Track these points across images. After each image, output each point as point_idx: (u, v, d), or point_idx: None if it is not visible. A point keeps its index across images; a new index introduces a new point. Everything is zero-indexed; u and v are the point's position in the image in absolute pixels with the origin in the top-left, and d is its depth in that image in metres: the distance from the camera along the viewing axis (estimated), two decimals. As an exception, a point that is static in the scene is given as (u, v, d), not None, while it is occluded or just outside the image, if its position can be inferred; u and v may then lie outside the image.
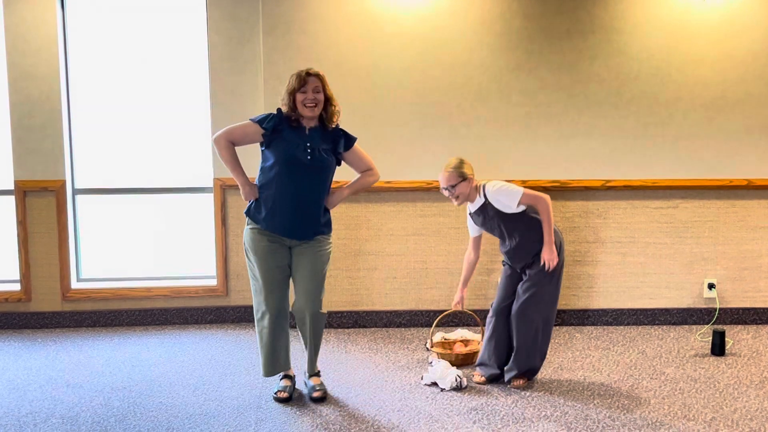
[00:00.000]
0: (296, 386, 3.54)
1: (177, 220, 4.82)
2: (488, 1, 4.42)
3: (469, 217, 3.65)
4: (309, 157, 3.25)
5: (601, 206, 4.57)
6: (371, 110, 4.46)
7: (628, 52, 4.44)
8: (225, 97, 4.57)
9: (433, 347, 3.97)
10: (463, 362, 3.84)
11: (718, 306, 4.61)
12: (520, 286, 3.54)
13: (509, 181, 3.65)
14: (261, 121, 3.27)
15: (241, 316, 4.74)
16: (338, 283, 4.58)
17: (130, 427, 3.10)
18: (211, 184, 4.67)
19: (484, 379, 3.60)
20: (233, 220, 4.65)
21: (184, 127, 4.74)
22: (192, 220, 4.81)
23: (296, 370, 3.69)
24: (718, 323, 4.60)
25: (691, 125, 4.50)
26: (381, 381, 3.65)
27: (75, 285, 4.69)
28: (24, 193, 4.56)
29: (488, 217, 3.51)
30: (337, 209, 4.38)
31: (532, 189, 3.51)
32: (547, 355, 3.68)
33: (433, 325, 4.09)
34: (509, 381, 3.55)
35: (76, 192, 4.71)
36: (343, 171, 3.60)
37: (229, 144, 3.30)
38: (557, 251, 3.46)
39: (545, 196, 3.44)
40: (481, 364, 3.65)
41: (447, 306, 4.58)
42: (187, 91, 4.71)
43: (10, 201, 4.63)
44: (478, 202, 3.51)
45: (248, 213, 3.36)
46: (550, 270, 3.45)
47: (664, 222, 4.59)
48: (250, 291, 4.68)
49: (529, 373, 3.58)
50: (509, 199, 3.43)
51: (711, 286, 4.60)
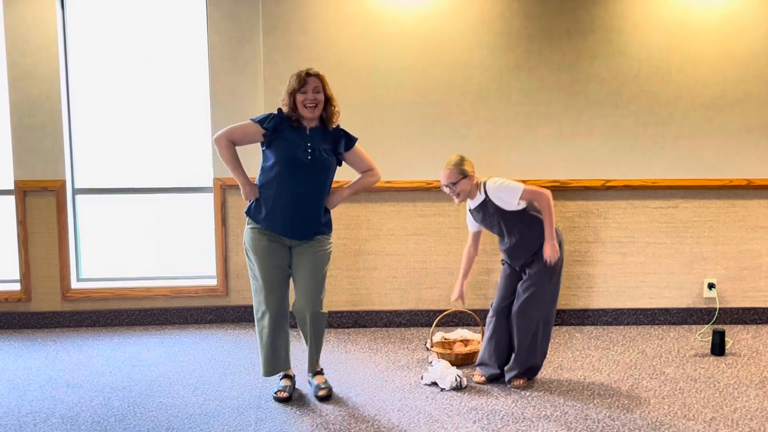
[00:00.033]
0: (296, 386, 3.54)
1: (177, 220, 4.82)
2: (488, 1, 4.42)
3: (468, 213, 3.64)
4: (309, 157, 3.25)
5: (601, 206, 4.57)
6: (371, 110, 4.46)
7: (628, 51, 4.44)
8: (225, 97, 4.57)
9: (433, 347, 3.97)
10: (463, 362, 3.84)
11: (717, 306, 4.61)
12: (520, 285, 3.54)
13: None
14: (262, 121, 3.27)
15: (241, 316, 4.74)
16: (338, 283, 4.58)
17: (130, 427, 3.10)
18: (211, 184, 4.67)
19: (484, 378, 3.60)
20: (233, 220, 4.65)
21: (184, 127, 4.74)
22: (192, 220, 4.81)
23: (296, 370, 3.69)
24: (718, 323, 4.60)
25: (691, 125, 4.50)
26: (381, 381, 3.65)
27: (75, 285, 4.69)
28: (24, 192, 4.56)
29: (488, 213, 3.51)
30: (336, 209, 4.38)
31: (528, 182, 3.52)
32: (547, 355, 3.68)
33: (433, 325, 4.09)
34: (510, 381, 3.55)
35: (76, 192, 4.71)
36: (344, 171, 3.61)
37: (229, 144, 3.30)
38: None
39: (546, 191, 3.44)
40: (482, 364, 3.65)
41: (447, 306, 4.58)
42: (187, 91, 4.71)
43: (10, 201, 4.63)
44: (479, 198, 3.51)
45: (248, 212, 3.36)
46: (551, 265, 3.45)
47: (664, 222, 4.59)
48: (250, 291, 4.68)
49: (530, 372, 3.58)
50: (510, 196, 3.43)
51: (711, 286, 4.60)
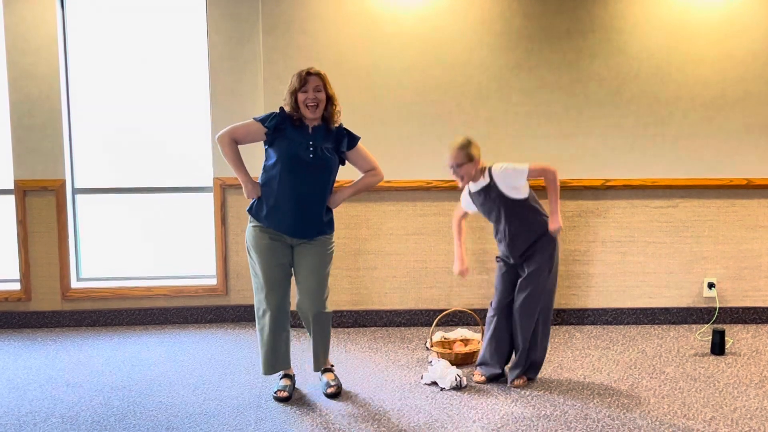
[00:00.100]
0: (296, 386, 3.55)
1: (177, 219, 4.82)
2: (488, 1, 4.41)
3: (467, 195, 3.61)
4: (311, 156, 3.26)
5: (601, 205, 4.57)
6: (371, 110, 4.46)
7: (628, 51, 4.44)
8: (225, 97, 4.57)
9: (432, 346, 3.97)
10: (462, 361, 3.84)
11: (717, 305, 4.61)
12: (520, 282, 3.53)
13: None
14: (264, 120, 3.29)
15: (241, 316, 4.74)
16: (338, 283, 4.58)
17: (130, 427, 3.10)
18: (211, 184, 4.67)
19: (484, 378, 3.59)
20: (233, 220, 4.65)
21: (184, 127, 4.74)
22: (192, 219, 4.81)
23: (296, 369, 3.69)
24: (718, 322, 4.60)
25: (691, 124, 4.50)
26: (381, 380, 3.65)
27: (75, 284, 4.70)
28: (24, 192, 4.56)
29: (489, 198, 3.48)
30: (336, 209, 4.37)
31: (531, 185, 3.52)
32: (547, 353, 3.68)
33: (432, 325, 4.09)
34: (513, 380, 3.54)
35: (76, 191, 4.71)
36: (348, 171, 3.61)
37: (232, 142, 3.31)
38: (553, 244, 3.48)
39: (553, 167, 3.45)
40: (482, 364, 3.65)
41: (447, 305, 4.59)
42: (187, 91, 4.71)
43: (10, 200, 4.63)
44: (482, 183, 3.49)
45: (250, 211, 3.37)
46: (557, 235, 3.46)
47: (664, 221, 4.59)
48: (250, 290, 4.68)
49: (533, 369, 3.58)
50: (517, 178, 3.41)
51: (711, 286, 4.60)
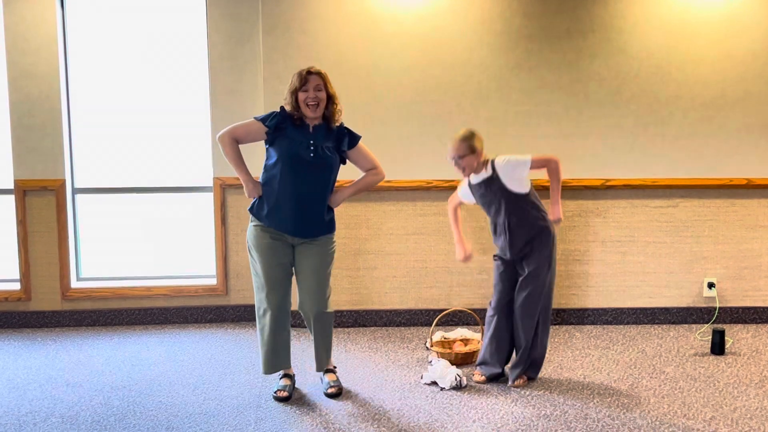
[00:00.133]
0: (296, 386, 3.55)
1: (177, 219, 4.82)
2: (488, 0, 4.41)
3: (466, 186, 3.61)
4: (312, 155, 3.26)
5: (601, 205, 4.57)
6: (371, 109, 4.46)
7: (628, 51, 4.44)
8: (225, 97, 4.57)
9: (432, 346, 3.97)
10: (462, 361, 3.84)
11: (717, 305, 4.61)
12: (520, 282, 3.52)
13: None
14: (264, 119, 3.30)
15: (241, 316, 4.74)
16: (338, 283, 4.58)
17: (130, 426, 3.10)
18: (210, 184, 4.67)
19: (484, 378, 3.59)
20: (233, 220, 4.65)
21: (184, 127, 4.74)
22: (192, 219, 4.81)
23: (296, 369, 3.69)
24: (718, 322, 4.60)
25: (691, 124, 4.50)
26: (381, 380, 3.65)
27: (75, 284, 4.70)
28: (24, 192, 4.56)
29: (491, 191, 3.48)
30: (336, 208, 4.37)
31: (532, 181, 3.53)
32: (546, 351, 3.68)
33: (432, 324, 4.09)
34: (515, 379, 3.54)
35: (76, 191, 4.71)
36: (349, 171, 3.60)
37: (233, 141, 3.32)
38: (551, 242, 3.48)
39: (555, 156, 3.48)
40: (482, 363, 3.64)
41: (447, 305, 4.59)
42: (187, 91, 4.71)
43: (10, 200, 4.63)
44: (483, 175, 3.49)
45: (252, 210, 3.37)
46: (558, 225, 3.49)
47: (664, 221, 4.59)
48: (249, 290, 4.69)
49: (534, 367, 3.58)
50: (519, 168, 3.43)
51: (711, 285, 4.60)
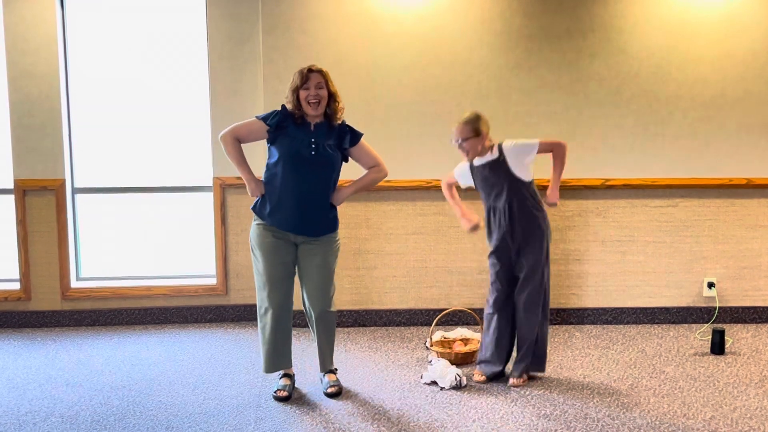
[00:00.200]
0: (296, 385, 3.54)
1: (177, 219, 4.82)
2: (488, 0, 4.41)
3: (466, 167, 3.60)
4: (313, 153, 3.26)
5: (601, 205, 4.57)
6: (371, 109, 4.46)
7: (628, 50, 4.44)
8: (225, 97, 4.57)
9: (432, 346, 3.97)
10: (462, 361, 3.84)
11: (717, 305, 4.61)
12: (520, 282, 3.52)
13: None
14: (265, 118, 3.31)
15: (241, 315, 4.74)
16: (338, 282, 4.57)
17: (130, 426, 3.10)
18: (210, 183, 4.66)
19: (484, 378, 3.59)
20: (233, 219, 4.65)
21: (184, 126, 4.74)
22: (192, 218, 4.81)
23: (296, 369, 3.69)
24: (718, 322, 4.60)
25: (691, 124, 4.50)
26: (380, 380, 3.65)
27: (74, 284, 4.70)
28: (24, 192, 4.55)
29: (495, 173, 3.47)
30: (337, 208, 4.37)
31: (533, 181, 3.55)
32: (547, 349, 3.67)
33: (432, 324, 4.09)
34: (519, 375, 3.54)
35: (76, 191, 4.71)
36: (350, 171, 3.60)
37: (235, 141, 3.33)
38: (545, 237, 3.50)
39: (563, 141, 3.52)
40: (483, 362, 3.64)
41: (446, 305, 4.59)
42: (187, 90, 4.71)
43: (10, 200, 4.63)
44: (489, 157, 3.49)
45: (254, 209, 3.38)
46: (554, 207, 3.55)
47: (664, 221, 4.59)
48: (249, 290, 4.69)
49: (539, 361, 3.58)
50: (527, 151, 3.45)
51: (711, 285, 4.60)
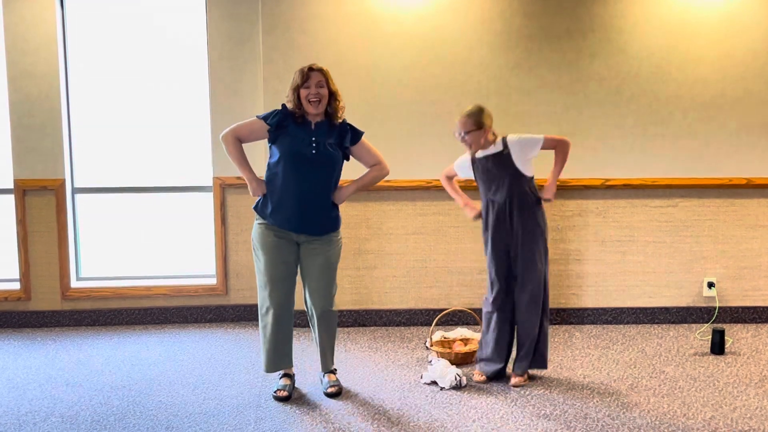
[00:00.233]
0: (296, 385, 3.55)
1: (177, 218, 4.82)
2: (488, 0, 4.41)
3: (468, 160, 3.60)
4: (314, 152, 3.27)
5: (601, 205, 4.57)
6: (371, 109, 4.46)
7: (628, 50, 4.44)
8: (225, 97, 4.57)
9: (432, 346, 3.97)
10: (462, 361, 3.84)
11: (717, 305, 4.61)
12: (521, 281, 3.52)
13: None
14: (266, 118, 3.31)
15: (241, 315, 4.74)
16: (338, 282, 4.56)
17: (130, 426, 3.10)
18: (210, 183, 4.66)
19: (484, 378, 3.59)
20: (233, 219, 4.65)
21: (184, 126, 4.74)
22: (192, 218, 4.81)
23: (296, 369, 3.69)
24: (718, 322, 4.60)
25: (691, 124, 4.50)
26: (380, 379, 3.65)
27: (74, 284, 4.69)
28: (23, 192, 4.55)
29: (497, 166, 3.47)
30: (336, 208, 4.38)
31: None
32: (548, 336, 3.68)
33: (432, 324, 4.10)
34: (521, 373, 3.54)
35: (76, 191, 4.71)
36: (352, 171, 3.60)
37: (236, 140, 3.33)
38: (541, 233, 3.51)
39: (567, 139, 3.54)
40: (484, 360, 3.63)
41: (446, 305, 4.59)
42: (187, 90, 4.71)
43: (10, 200, 4.63)
44: (492, 150, 3.48)
45: (256, 208, 3.38)
46: (549, 202, 3.55)
47: (664, 221, 4.59)
48: (249, 290, 4.69)
49: (541, 358, 3.58)
50: (532, 146, 3.46)
51: (710, 285, 4.60)
